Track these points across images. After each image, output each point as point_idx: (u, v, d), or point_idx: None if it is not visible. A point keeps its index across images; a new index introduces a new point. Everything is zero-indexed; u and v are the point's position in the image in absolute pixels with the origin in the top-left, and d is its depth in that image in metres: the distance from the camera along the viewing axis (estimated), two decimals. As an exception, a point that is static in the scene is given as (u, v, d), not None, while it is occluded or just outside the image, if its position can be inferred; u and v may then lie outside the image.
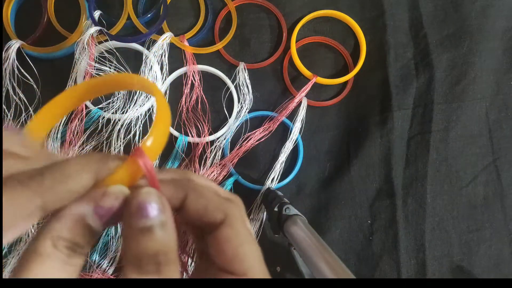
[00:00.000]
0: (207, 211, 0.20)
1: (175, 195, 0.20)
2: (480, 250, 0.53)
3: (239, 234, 0.20)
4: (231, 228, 0.20)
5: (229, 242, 0.19)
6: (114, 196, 0.17)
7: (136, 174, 0.19)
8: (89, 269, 0.48)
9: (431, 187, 0.53)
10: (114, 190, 0.18)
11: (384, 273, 0.51)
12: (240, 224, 0.20)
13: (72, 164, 0.17)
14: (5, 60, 0.49)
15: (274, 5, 0.56)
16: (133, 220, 0.17)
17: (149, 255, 0.16)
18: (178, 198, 0.20)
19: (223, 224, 0.20)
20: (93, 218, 0.17)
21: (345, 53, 0.57)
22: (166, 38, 0.52)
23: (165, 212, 0.18)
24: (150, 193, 0.18)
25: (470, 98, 0.55)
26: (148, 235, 0.17)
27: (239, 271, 0.19)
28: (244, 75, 0.53)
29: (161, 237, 0.17)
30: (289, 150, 0.53)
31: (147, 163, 0.18)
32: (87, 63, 0.50)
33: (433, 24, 0.57)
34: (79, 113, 0.50)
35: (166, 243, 0.17)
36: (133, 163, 0.18)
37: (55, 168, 0.17)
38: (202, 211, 0.20)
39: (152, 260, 0.16)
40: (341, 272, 0.34)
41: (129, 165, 0.18)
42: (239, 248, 0.19)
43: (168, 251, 0.17)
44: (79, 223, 0.17)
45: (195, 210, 0.20)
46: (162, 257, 0.17)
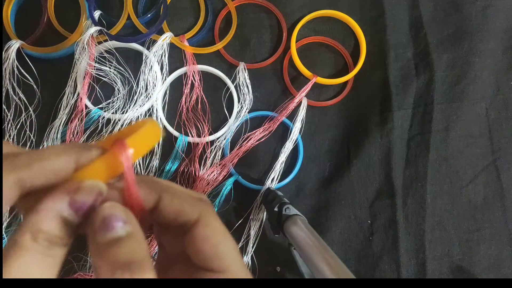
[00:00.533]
0: (182, 211, 0.20)
1: (149, 196, 0.20)
2: (480, 250, 0.53)
3: (216, 232, 0.20)
4: (208, 226, 0.20)
5: (207, 240, 0.19)
6: (88, 190, 0.18)
7: (115, 167, 0.18)
8: (89, 269, 0.48)
9: (431, 187, 0.53)
10: (88, 185, 0.18)
11: (384, 273, 0.51)
12: (215, 222, 0.20)
13: (51, 148, 0.18)
14: (5, 60, 0.49)
15: (274, 5, 0.56)
16: (99, 235, 0.17)
17: (121, 265, 0.16)
18: (152, 198, 0.20)
19: (199, 223, 0.20)
20: (68, 211, 0.17)
21: (345, 53, 0.57)
22: (166, 38, 0.52)
23: (131, 222, 0.18)
24: (114, 206, 0.18)
25: (470, 98, 0.55)
26: (116, 246, 0.17)
27: (219, 268, 0.19)
28: (244, 75, 0.53)
29: (130, 247, 0.17)
30: (289, 150, 0.53)
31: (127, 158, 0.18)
32: (87, 63, 0.50)
33: (433, 24, 0.57)
34: (79, 113, 0.50)
35: (137, 251, 0.17)
36: (113, 155, 0.18)
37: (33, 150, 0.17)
38: (177, 211, 0.20)
39: (126, 269, 0.16)
40: (341, 272, 0.34)
41: (109, 157, 0.18)
42: (217, 246, 0.19)
43: (139, 259, 0.17)
44: (55, 216, 0.17)
45: (170, 211, 0.20)
46: (135, 265, 0.16)
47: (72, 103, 0.51)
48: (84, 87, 0.51)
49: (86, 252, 0.49)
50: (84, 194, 0.17)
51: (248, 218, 0.52)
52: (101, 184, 0.18)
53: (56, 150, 0.18)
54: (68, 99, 0.51)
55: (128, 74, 0.52)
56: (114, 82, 0.51)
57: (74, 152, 0.18)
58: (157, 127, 0.21)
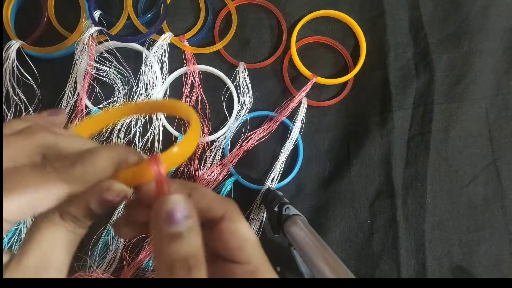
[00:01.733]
0: (211, 207, 0.22)
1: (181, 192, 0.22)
2: (480, 250, 0.53)
3: (240, 227, 0.22)
4: (233, 222, 0.22)
5: (233, 234, 0.21)
6: (116, 193, 0.19)
7: (147, 177, 0.20)
8: (89, 269, 0.48)
9: (431, 187, 0.53)
10: (117, 188, 0.19)
11: (384, 273, 0.51)
12: (240, 218, 0.22)
13: (101, 158, 0.19)
14: (5, 60, 0.49)
15: (274, 5, 0.56)
16: (163, 227, 0.18)
17: (180, 259, 0.18)
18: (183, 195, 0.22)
19: (225, 219, 0.22)
20: (95, 205, 0.19)
21: (345, 53, 0.57)
22: (166, 38, 0.52)
23: (192, 218, 0.19)
24: (179, 201, 0.19)
25: (470, 98, 0.55)
26: (178, 240, 0.18)
27: (243, 259, 0.21)
28: (244, 75, 0.53)
29: (189, 241, 0.18)
30: (289, 150, 0.53)
31: (159, 172, 0.20)
32: (87, 63, 0.50)
33: (433, 24, 0.57)
34: (79, 113, 0.50)
35: (195, 247, 0.18)
36: (147, 168, 0.20)
37: (86, 160, 0.19)
38: (206, 207, 0.21)
39: (183, 263, 0.18)
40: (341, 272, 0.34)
41: (142, 168, 0.20)
42: (242, 239, 0.21)
43: (196, 254, 0.18)
44: (83, 205, 0.19)
45: (200, 207, 0.21)
46: (192, 261, 0.18)
47: (72, 103, 0.51)
48: (84, 87, 0.51)
49: (86, 252, 0.49)
50: (114, 194, 0.19)
51: (248, 218, 0.52)
52: (128, 190, 0.20)
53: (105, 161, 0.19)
54: (68, 99, 0.51)
55: (128, 74, 0.52)
56: (114, 82, 0.51)
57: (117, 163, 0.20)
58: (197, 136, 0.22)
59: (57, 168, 0.18)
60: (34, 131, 0.19)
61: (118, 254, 0.49)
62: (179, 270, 0.17)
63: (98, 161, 0.19)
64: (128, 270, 0.49)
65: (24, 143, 0.19)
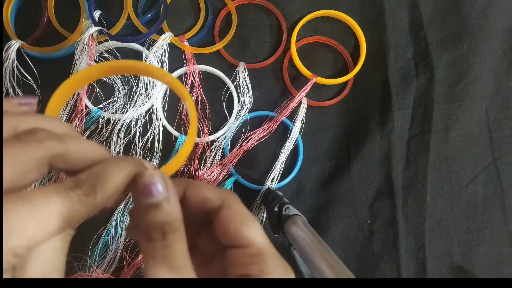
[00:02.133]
0: (207, 198, 0.22)
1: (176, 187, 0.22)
2: (480, 250, 0.53)
3: (238, 213, 0.22)
4: (230, 208, 0.22)
5: (231, 220, 0.22)
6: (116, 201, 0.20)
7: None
8: (89, 269, 0.48)
9: (431, 187, 0.53)
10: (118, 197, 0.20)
11: (384, 273, 0.51)
12: (237, 205, 0.23)
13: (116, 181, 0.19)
14: (5, 60, 0.49)
15: (274, 5, 0.56)
16: (141, 199, 0.20)
17: (155, 226, 0.19)
18: (179, 191, 0.23)
19: (222, 207, 0.22)
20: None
21: (345, 53, 0.57)
22: (166, 38, 0.52)
23: (168, 189, 0.20)
24: (154, 174, 0.20)
25: (470, 98, 0.55)
26: (154, 210, 0.19)
27: (244, 243, 0.22)
28: (244, 75, 0.53)
29: (165, 210, 0.19)
30: (289, 150, 0.53)
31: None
32: (87, 63, 0.50)
33: (433, 24, 0.57)
34: (79, 113, 0.50)
35: (171, 214, 0.19)
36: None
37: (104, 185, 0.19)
38: (202, 200, 0.22)
39: (158, 229, 0.19)
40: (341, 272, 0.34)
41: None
42: (241, 224, 0.22)
43: (172, 221, 0.19)
44: None
45: (196, 199, 0.22)
46: (167, 226, 0.19)
47: (72, 103, 0.51)
48: (84, 87, 0.51)
49: (86, 252, 0.49)
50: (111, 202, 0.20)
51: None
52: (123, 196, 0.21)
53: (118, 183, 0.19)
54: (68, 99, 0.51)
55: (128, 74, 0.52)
56: (114, 82, 0.51)
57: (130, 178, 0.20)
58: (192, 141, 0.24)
59: (80, 195, 0.18)
60: (41, 139, 0.18)
61: (118, 254, 0.49)
62: (154, 235, 0.19)
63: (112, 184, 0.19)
64: (128, 270, 0.49)
65: (34, 153, 0.18)
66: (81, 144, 0.20)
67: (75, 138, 0.20)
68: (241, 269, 0.21)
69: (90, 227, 0.50)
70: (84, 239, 0.49)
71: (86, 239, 0.49)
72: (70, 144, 0.19)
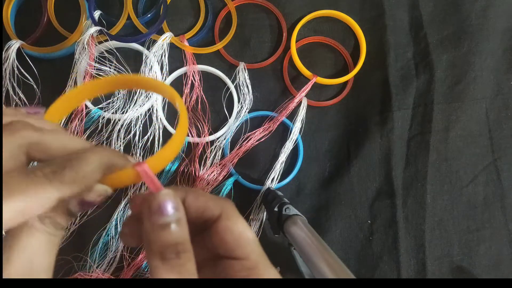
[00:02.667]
0: (207, 207, 0.22)
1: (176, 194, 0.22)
2: (480, 250, 0.53)
3: (237, 224, 0.22)
4: (229, 220, 0.22)
5: (230, 231, 0.22)
6: (98, 193, 0.20)
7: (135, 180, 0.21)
8: (89, 269, 0.48)
9: (431, 187, 0.53)
10: (99, 189, 0.20)
11: (384, 273, 0.51)
12: (236, 216, 0.23)
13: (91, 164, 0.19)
14: (5, 60, 0.49)
15: (274, 5, 0.56)
16: (155, 218, 0.20)
17: (170, 246, 0.20)
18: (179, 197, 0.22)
19: (222, 217, 0.22)
20: (74, 206, 0.20)
21: (345, 53, 0.57)
22: (166, 38, 0.52)
23: (179, 210, 0.21)
24: (168, 194, 0.20)
25: (470, 98, 0.55)
26: (167, 230, 0.20)
27: (241, 256, 0.22)
28: (244, 75, 0.53)
29: (178, 231, 0.20)
30: (289, 150, 0.53)
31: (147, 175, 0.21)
32: (87, 63, 0.50)
33: (433, 24, 0.57)
34: (79, 113, 0.50)
35: (182, 235, 0.20)
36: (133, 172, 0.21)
37: (75, 165, 0.19)
38: (202, 207, 0.22)
39: (173, 249, 0.20)
40: (341, 272, 0.34)
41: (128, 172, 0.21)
42: (239, 235, 0.22)
43: (184, 241, 0.20)
44: (62, 207, 0.20)
45: (196, 207, 0.22)
46: (180, 247, 0.20)
47: (72, 103, 0.51)
48: (84, 87, 0.51)
49: (86, 252, 0.49)
50: (95, 195, 0.20)
51: (248, 218, 0.52)
52: (109, 190, 0.21)
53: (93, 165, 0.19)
54: (68, 99, 0.51)
55: (128, 74, 0.52)
56: (114, 82, 0.51)
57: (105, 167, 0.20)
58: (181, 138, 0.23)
59: (47, 174, 0.18)
60: (17, 129, 0.19)
61: (118, 254, 0.49)
62: (169, 255, 0.19)
63: (87, 166, 0.19)
64: (128, 270, 0.49)
65: (8, 142, 0.18)
66: (61, 136, 0.20)
67: (55, 131, 0.20)
68: None
69: (90, 227, 0.50)
70: (84, 239, 0.49)
71: (86, 239, 0.49)
72: (48, 134, 0.20)
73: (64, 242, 0.48)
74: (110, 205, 0.49)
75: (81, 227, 0.49)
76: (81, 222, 0.49)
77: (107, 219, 0.50)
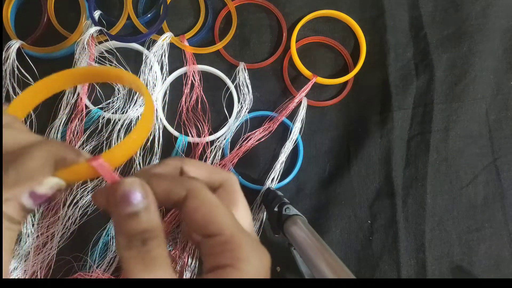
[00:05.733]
0: (171, 190, 0.22)
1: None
2: (480, 250, 0.53)
3: (204, 202, 0.22)
4: (196, 198, 0.22)
5: (197, 210, 0.21)
6: (49, 186, 0.20)
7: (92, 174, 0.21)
8: (89, 269, 0.48)
9: (431, 187, 0.53)
10: (50, 182, 0.20)
11: (384, 273, 0.51)
12: (203, 193, 0.22)
13: (34, 160, 0.19)
14: (5, 60, 0.49)
15: (274, 5, 0.56)
16: (120, 208, 0.19)
17: (136, 234, 0.19)
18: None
19: (188, 197, 0.22)
20: (27, 199, 0.19)
21: (345, 53, 0.57)
22: (166, 38, 0.52)
23: (148, 197, 0.20)
24: (134, 182, 0.20)
25: (470, 98, 0.55)
26: (134, 218, 0.19)
27: (215, 232, 0.21)
28: (244, 75, 0.53)
29: (145, 219, 0.19)
30: (289, 150, 0.53)
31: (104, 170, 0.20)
32: (87, 63, 0.50)
33: (433, 24, 0.57)
34: (79, 113, 0.50)
35: (151, 223, 0.20)
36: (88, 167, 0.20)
37: (18, 163, 0.19)
38: (166, 191, 0.22)
39: (139, 237, 0.19)
40: (341, 272, 0.34)
41: (83, 167, 0.20)
42: (207, 213, 0.21)
43: (152, 228, 0.19)
44: (15, 202, 0.19)
45: (159, 191, 0.22)
46: (147, 234, 0.19)
47: (72, 103, 0.51)
48: (84, 87, 0.51)
49: (86, 252, 0.49)
50: (46, 187, 0.19)
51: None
52: (62, 183, 0.20)
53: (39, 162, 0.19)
54: (68, 99, 0.51)
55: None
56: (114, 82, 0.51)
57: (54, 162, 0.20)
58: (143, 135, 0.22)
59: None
60: None
61: (118, 254, 0.49)
62: (135, 243, 0.19)
63: (31, 162, 0.19)
64: (128, 270, 0.49)
65: None
66: (13, 131, 0.20)
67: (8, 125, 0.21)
68: (214, 259, 0.21)
69: (90, 227, 0.50)
70: (84, 239, 0.49)
71: (86, 239, 0.49)
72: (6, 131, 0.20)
73: (64, 242, 0.48)
74: (110, 205, 0.49)
75: (81, 227, 0.49)
76: (81, 222, 0.49)
77: (107, 219, 0.50)
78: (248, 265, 0.20)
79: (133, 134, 0.21)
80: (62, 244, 0.48)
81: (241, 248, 0.21)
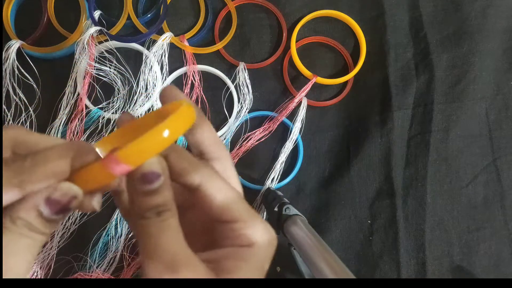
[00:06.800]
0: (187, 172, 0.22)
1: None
2: (480, 250, 0.53)
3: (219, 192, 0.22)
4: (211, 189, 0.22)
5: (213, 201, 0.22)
6: (62, 192, 0.19)
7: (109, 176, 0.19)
8: (89, 269, 0.48)
9: (431, 187, 0.53)
10: (63, 187, 0.19)
11: (384, 273, 0.51)
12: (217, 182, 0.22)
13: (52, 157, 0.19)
14: (5, 60, 0.49)
15: (274, 5, 0.56)
16: (137, 185, 0.20)
17: (151, 208, 0.20)
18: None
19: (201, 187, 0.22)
20: (44, 207, 0.19)
21: (345, 53, 0.57)
22: (166, 38, 0.52)
23: (164, 175, 0.20)
24: (153, 163, 0.20)
25: (470, 98, 0.55)
26: (150, 195, 0.20)
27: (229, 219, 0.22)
28: (244, 75, 0.53)
29: (160, 195, 0.20)
30: (289, 150, 0.53)
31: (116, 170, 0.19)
32: (87, 63, 0.50)
33: (433, 24, 0.57)
34: (79, 113, 0.50)
35: (165, 198, 0.20)
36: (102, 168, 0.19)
37: (36, 159, 0.19)
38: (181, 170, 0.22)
39: (154, 210, 0.20)
40: (341, 272, 0.34)
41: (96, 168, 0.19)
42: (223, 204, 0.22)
43: (166, 202, 0.20)
44: (33, 208, 0.19)
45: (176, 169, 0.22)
46: (161, 207, 0.20)
47: (72, 103, 0.51)
48: (84, 87, 0.51)
49: (86, 252, 0.49)
50: (60, 193, 0.19)
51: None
52: (76, 189, 0.20)
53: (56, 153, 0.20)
54: (68, 99, 0.51)
55: (128, 74, 0.52)
56: (114, 82, 0.51)
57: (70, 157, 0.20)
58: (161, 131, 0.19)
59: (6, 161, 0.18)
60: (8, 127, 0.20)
61: (118, 254, 0.49)
62: (150, 215, 0.20)
63: (49, 159, 0.19)
64: (128, 270, 0.49)
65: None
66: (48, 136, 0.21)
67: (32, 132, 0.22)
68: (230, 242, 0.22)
69: (90, 227, 0.50)
70: (84, 239, 0.49)
71: (86, 239, 0.49)
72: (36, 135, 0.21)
73: (64, 242, 0.48)
74: (110, 205, 0.49)
75: (81, 227, 0.49)
76: (81, 222, 0.49)
77: (107, 219, 0.50)
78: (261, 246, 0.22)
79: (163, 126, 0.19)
80: (62, 244, 0.48)
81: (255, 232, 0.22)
